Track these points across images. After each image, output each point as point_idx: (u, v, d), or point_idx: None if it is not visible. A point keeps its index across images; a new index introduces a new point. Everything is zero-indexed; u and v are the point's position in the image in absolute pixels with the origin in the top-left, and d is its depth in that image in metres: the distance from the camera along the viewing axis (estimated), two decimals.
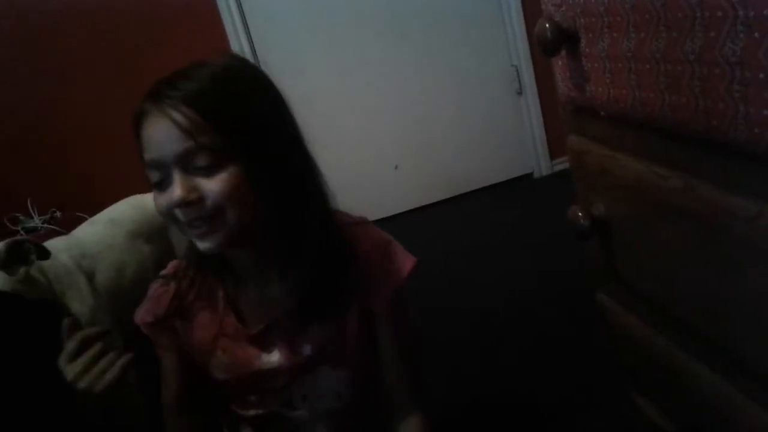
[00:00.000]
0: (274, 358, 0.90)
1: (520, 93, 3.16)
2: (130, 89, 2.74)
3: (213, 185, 0.79)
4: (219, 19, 2.76)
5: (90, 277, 1.45)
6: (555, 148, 3.23)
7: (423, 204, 3.14)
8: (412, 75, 3.03)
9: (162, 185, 0.81)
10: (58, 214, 2.61)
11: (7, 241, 1.29)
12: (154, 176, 0.81)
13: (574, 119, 0.85)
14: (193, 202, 0.79)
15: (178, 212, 0.80)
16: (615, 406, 0.93)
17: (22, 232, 2.50)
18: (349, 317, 0.91)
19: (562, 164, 3.22)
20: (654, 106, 0.62)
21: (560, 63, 0.80)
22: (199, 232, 0.81)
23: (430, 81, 3.07)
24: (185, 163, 0.79)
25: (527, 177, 3.26)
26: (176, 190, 0.79)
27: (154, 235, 1.67)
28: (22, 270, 1.29)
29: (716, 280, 0.60)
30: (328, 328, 0.90)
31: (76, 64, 2.75)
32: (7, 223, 2.58)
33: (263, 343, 0.90)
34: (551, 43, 0.75)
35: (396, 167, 3.08)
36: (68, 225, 2.35)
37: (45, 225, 2.53)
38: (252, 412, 0.94)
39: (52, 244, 1.45)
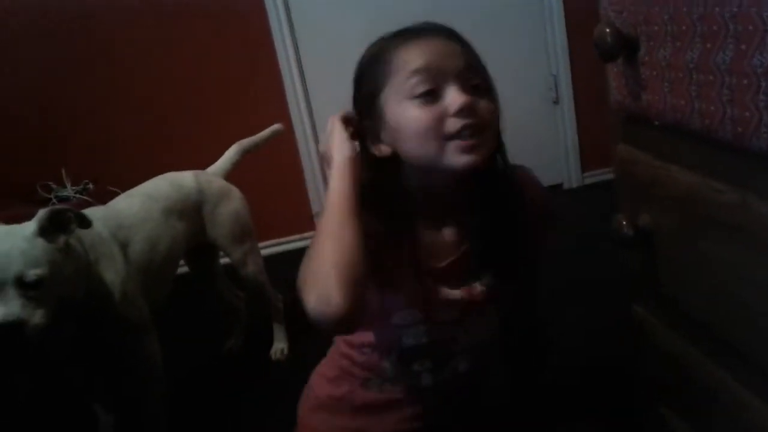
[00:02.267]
0: (455, 293, 0.94)
1: (556, 102, 3.14)
2: (170, 74, 2.82)
3: (485, 103, 0.88)
4: (266, 17, 2.78)
5: (124, 248, 1.47)
6: (587, 161, 3.22)
7: None
8: None
9: (430, 97, 0.85)
10: (91, 185, 2.65)
11: (49, 208, 1.31)
12: (422, 87, 0.85)
13: (624, 127, 0.84)
14: (474, 110, 0.85)
15: (451, 121, 0.84)
16: (641, 418, 0.92)
17: (54, 200, 2.54)
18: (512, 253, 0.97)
19: (593, 177, 3.20)
20: (714, 119, 0.61)
21: (615, 70, 0.80)
22: (467, 144, 0.85)
23: None
24: (463, 78, 0.86)
25: (557, 187, 3.24)
26: (458, 98, 0.84)
27: (188, 213, 1.69)
28: (62, 238, 1.31)
29: (766, 301, 0.60)
30: (500, 267, 0.96)
31: (121, 43, 2.79)
32: (40, 191, 2.62)
33: (447, 280, 0.94)
34: (610, 49, 0.74)
35: None
36: (100, 197, 2.38)
37: (77, 195, 2.57)
38: (409, 343, 0.97)
39: (90, 213, 1.47)
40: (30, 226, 1.28)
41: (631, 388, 0.95)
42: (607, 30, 0.73)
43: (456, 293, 0.94)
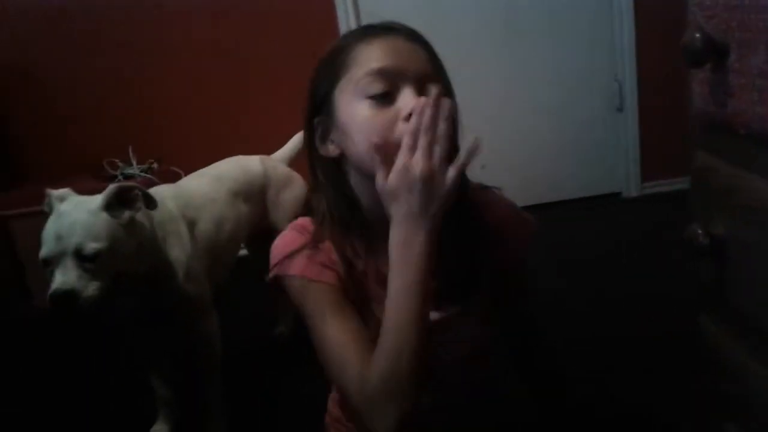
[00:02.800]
0: (433, 315, 0.87)
1: (620, 110, 3.09)
2: (237, 64, 2.89)
3: None
4: (334, 15, 2.82)
5: (191, 226, 1.52)
6: (647, 171, 3.16)
7: None
8: (515, 78, 3.02)
9: (384, 99, 0.81)
10: (155, 165, 2.73)
11: (118, 184, 1.36)
12: (376, 87, 0.81)
13: (704, 135, 0.83)
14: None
15: (403, 126, 0.79)
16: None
17: (120, 177, 2.63)
18: (486, 273, 0.93)
19: (652, 188, 3.15)
20: None
21: (700, 76, 0.79)
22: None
23: (531, 86, 3.04)
24: (421, 83, 0.82)
25: (615, 196, 3.19)
26: (411, 102, 0.79)
27: (252, 196, 1.73)
28: (126, 214, 1.35)
29: None
30: (475, 286, 0.92)
31: (197, 31, 2.89)
32: (107, 167, 2.72)
33: None
34: (698, 54, 0.73)
35: (483, 166, 3.05)
36: (163, 177, 2.46)
37: (142, 174, 2.65)
38: None
39: (161, 190, 1.52)
40: (97, 200, 1.32)
41: (693, 401, 0.94)
42: (698, 35, 0.72)
43: (433, 316, 0.88)
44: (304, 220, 0.92)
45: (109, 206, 1.33)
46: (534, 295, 1.09)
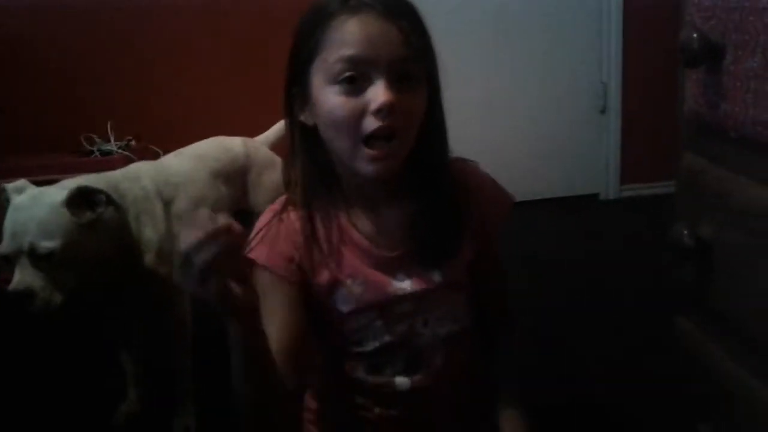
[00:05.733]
0: (406, 284, 0.89)
1: (603, 112, 3.11)
2: (222, 47, 2.85)
3: (410, 100, 0.81)
4: None
5: (168, 204, 1.49)
6: (626, 174, 3.19)
7: None
8: (500, 76, 3.02)
9: (353, 86, 0.79)
10: (133, 142, 2.68)
11: (84, 185, 1.30)
12: (343, 73, 0.79)
13: (695, 136, 0.83)
14: (395, 110, 0.78)
15: (369, 120, 0.79)
16: None
17: (97, 153, 2.58)
18: (464, 242, 0.92)
19: (630, 191, 3.17)
20: None
21: (694, 77, 0.78)
22: (378, 153, 0.80)
23: (516, 84, 3.04)
24: (394, 70, 0.79)
25: (593, 197, 3.21)
26: (381, 96, 0.77)
27: (233, 177, 1.71)
28: (87, 215, 1.30)
29: None
30: (454, 255, 0.91)
31: (176, 5, 2.83)
32: (84, 142, 2.66)
33: (393, 270, 0.90)
34: (694, 55, 0.73)
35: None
36: (141, 154, 2.42)
37: (120, 150, 2.60)
38: (371, 346, 0.92)
39: (139, 167, 1.49)
40: (60, 195, 1.27)
41: (667, 402, 0.94)
42: (695, 35, 0.72)
43: (406, 285, 0.89)
44: (282, 198, 0.93)
45: (72, 203, 1.28)
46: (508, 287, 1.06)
